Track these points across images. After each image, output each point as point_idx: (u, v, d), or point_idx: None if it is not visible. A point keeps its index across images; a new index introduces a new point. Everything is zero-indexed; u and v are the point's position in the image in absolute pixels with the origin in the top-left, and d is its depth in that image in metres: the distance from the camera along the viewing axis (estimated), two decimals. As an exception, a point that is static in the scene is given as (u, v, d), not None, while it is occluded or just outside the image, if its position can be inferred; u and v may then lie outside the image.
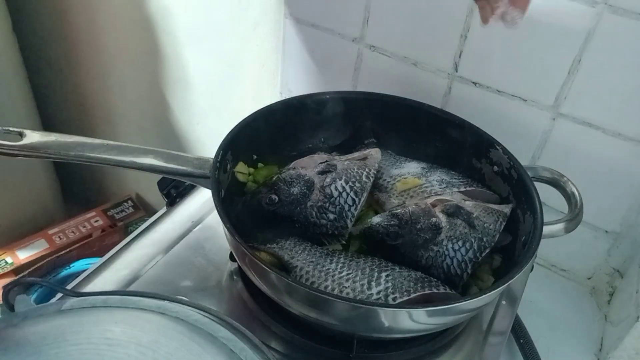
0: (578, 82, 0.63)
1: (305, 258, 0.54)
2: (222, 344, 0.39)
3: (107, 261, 0.62)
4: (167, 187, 0.68)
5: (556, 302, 0.72)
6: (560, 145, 0.68)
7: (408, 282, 0.50)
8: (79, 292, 0.44)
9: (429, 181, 0.63)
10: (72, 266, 0.89)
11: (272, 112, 0.64)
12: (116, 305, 0.42)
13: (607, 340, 0.67)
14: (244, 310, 0.58)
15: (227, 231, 0.50)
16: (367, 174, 0.60)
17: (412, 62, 0.73)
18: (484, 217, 0.57)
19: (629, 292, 0.66)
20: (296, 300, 0.49)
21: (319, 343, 0.54)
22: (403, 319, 0.48)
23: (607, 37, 0.59)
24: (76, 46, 0.86)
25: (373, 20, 0.74)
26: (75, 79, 0.90)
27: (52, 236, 0.92)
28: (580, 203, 0.59)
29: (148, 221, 0.69)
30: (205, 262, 0.63)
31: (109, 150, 0.54)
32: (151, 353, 0.36)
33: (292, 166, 0.63)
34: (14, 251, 0.88)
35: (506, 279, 0.48)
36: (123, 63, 0.84)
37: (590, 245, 0.71)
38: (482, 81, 0.70)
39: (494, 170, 0.63)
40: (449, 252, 0.54)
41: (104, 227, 0.95)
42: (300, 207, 0.57)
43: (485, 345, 0.58)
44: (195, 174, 0.56)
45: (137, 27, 0.78)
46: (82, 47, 0.86)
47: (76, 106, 0.95)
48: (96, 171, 1.06)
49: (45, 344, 0.37)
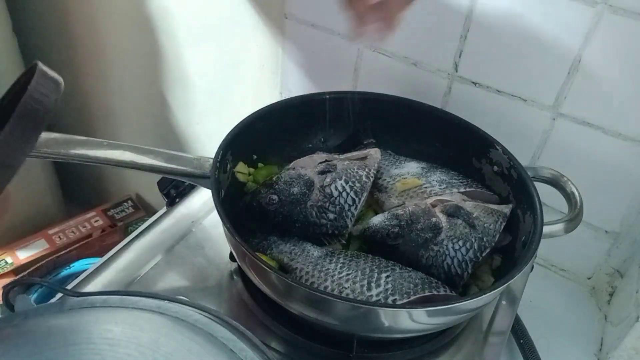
0: (578, 82, 0.63)
1: (305, 259, 0.54)
2: (222, 344, 0.39)
3: (107, 261, 0.62)
4: (167, 187, 0.68)
5: (556, 302, 0.72)
6: (560, 145, 0.68)
7: (408, 283, 0.50)
8: (79, 292, 0.44)
9: (428, 181, 0.63)
10: (72, 266, 0.89)
11: (272, 112, 0.64)
12: (116, 305, 0.42)
13: (607, 340, 0.67)
14: (244, 310, 0.58)
15: (227, 231, 0.50)
16: (367, 173, 0.60)
17: (412, 62, 0.73)
18: (484, 218, 0.57)
19: (629, 292, 0.66)
20: (296, 300, 0.49)
21: (319, 343, 0.54)
22: (403, 319, 0.48)
23: (607, 37, 0.59)
24: (76, 46, 0.86)
25: (373, 20, 0.74)
26: (75, 79, 0.90)
27: (52, 236, 0.92)
28: (580, 203, 0.59)
29: (148, 221, 0.69)
30: (205, 262, 0.63)
31: (109, 150, 0.54)
32: (151, 353, 0.36)
33: (291, 166, 0.63)
34: (14, 251, 0.89)
35: (506, 279, 0.48)
36: (123, 63, 0.84)
37: (590, 245, 0.71)
38: (482, 81, 0.69)
39: (494, 170, 0.63)
40: (449, 251, 0.54)
41: (104, 227, 0.95)
42: (300, 207, 0.57)
43: (485, 345, 0.58)
44: (195, 174, 0.56)
45: (137, 27, 0.78)
46: (82, 47, 0.86)
47: (76, 106, 0.95)
48: (96, 171, 1.06)
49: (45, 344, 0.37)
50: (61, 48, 0.88)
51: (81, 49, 0.86)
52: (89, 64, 0.87)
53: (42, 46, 0.89)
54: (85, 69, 0.88)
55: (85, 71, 0.89)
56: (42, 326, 0.39)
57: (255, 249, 0.56)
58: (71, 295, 0.43)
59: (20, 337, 0.38)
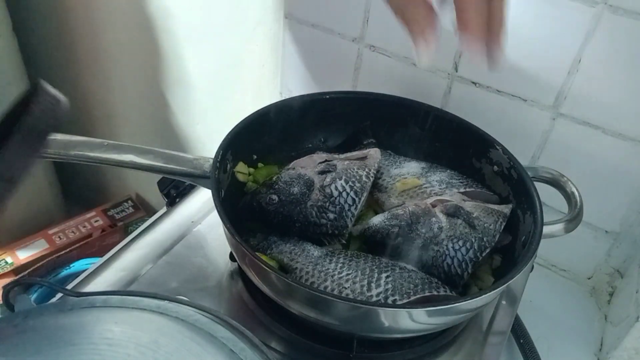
0: (578, 82, 0.63)
1: (305, 259, 0.54)
2: (222, 344, 0.39)
3: (107, 261, 0.62)
4: (167, 187, 0.68)
5: (556, 302, 0.72)
6: (560, 145, 0.68)
7: (408, 283, 0.50)
8: (79, 292, 0.44)
9: (428, 181, 0.63)
10: (72, 266, 0.89)
11: (272, 112, 0.64)
12: (116, 305, 0.42)
13: (607, 340, 0.67)
14: (244, 310, 0.58)
15: (227, 231, 0.50)
16: (367, 173, 0.60)
17: (412, 62, 0.73)
18: (484, 218, 0.57)
19: (629, 292, 0.66)
20: (296, 300, 0.49)
21: (319, 343, 0.54)
22: (403, 319, 0.48)
23: (607, 37, 0.59)
24: (76, 46, 0.86)
25: (373, 20, 0.74)
26: (75, 79, 0.90)
27: (52, 236, 0.92)
28: (580, 203, 0.59)
29: (148, 221, 0.69)
30: (205, 262, 0.63)
31: (109, 150, 0.54)
32: (151, 353, 0.36)
33: (291, 166, 0.63)
34: (14, 251, 0.89)
35: (506, 279, 0.48)
36: (123, 63, 0.84)
37: (590, 245, 0.71)
38: (482, 81, 0.69)
39: (494, 170, 0.63)
40: (449, 251, 0.54)
41: (104, 227, 0.95)
42: (300, 207, 0.57)
43: (485, 345, 0.58)
44: (195, 174, 0.56)
45: (137, 27, 0.78)
46: (82, 47, 0.86)
47: (76, 106, 0.94)
48: (96, 171, 1.06)
49: (45, 344, 0.37)
50: (61, 48, 0.88)
51: (81, 49, 0.86)
52: (89, 64, 0.87)
53: (42, 46, 0.89)
54: (85, 69, 0.88)
55: (85, 71, 0.88)
56: (42, 326, 0.39)
57: (255, 249, 0.56)
58: (71, 295, 0.43)
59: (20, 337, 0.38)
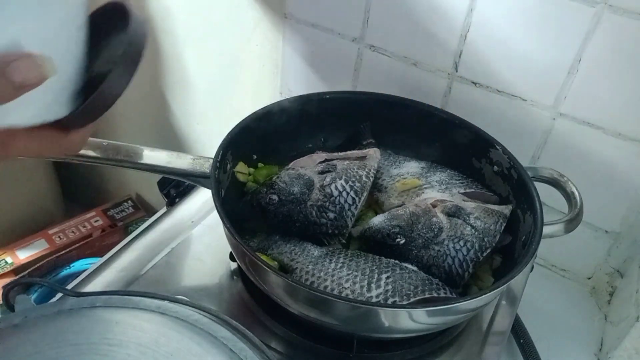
0: (578, 82, 0.63)
1: (305, 259, 0.54)
2: (222, 344, 0.39)
3: (107, 261, 0.62)
4: (167, 187, 0.68)
5: (556, 302, 0.72)
6: (560, 146, 0.68)
7: (408, 285, 0.50)
8: (79, 292, 0.44)
9: (428, 182, 0.63)
10: (72, 266, 0.89)
11: (272, 112, 0.64)
12: (116, 305, 0.42)
13: (607, 340, 0.67)
14: (244, 310, 0.58)
15: (227, 231, 0.50)
16: (367, 173, 0.60)
17: (412, 62, 0.73)
18: (484, 218, 0.57)
19: (629, 292, 0.66)
20: (296, 300, 0.49)
21: (319, 343, 0.54)
22: (403, 319, 0.48)
23: (607, 37, 0.59)
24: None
25: (373, 20, 0.74)
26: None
27: (52, 236, 0.92)
28: (580, 203, 0.59)
29: (148, 221, 0.69)
30: (205, 262, 0.63)
31: (109, 150, 0.54)
32: (151, 353, 0.36)
33: (291, 166, 0.63)
34: (14, 251, 0.89)
35: (506, 279, 0.48)
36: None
37: (590, 245, 0.71)
38: (482, 81, 0.69)
39: (494, 170, 0.63)
40: (450, 251, 0.54)
41: (104, 227, 0.95)
42: (300, 207, 0.57)
43: (485, 345, 0.58)
44: (195, 174, 0.56)
45: (137, 27, 0.78)
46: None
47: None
48: (96, 171, 1.06)
49: (45, 344, 0.37)
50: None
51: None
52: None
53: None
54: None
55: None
56: (42, 326, 0.39)
57: (255, 249, 0.56)
58: (71, 295, 0.43)
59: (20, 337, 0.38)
